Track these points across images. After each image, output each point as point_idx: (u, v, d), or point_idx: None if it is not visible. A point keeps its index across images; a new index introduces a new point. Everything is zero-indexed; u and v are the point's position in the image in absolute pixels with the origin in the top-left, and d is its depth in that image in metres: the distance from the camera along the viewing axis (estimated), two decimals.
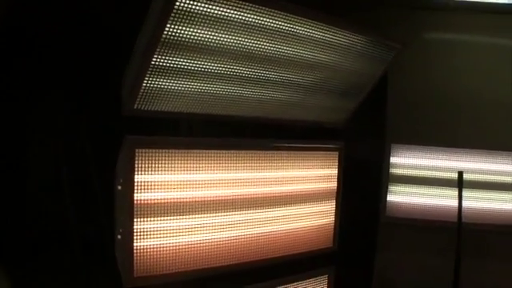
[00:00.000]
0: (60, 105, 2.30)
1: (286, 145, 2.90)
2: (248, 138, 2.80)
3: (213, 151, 2.61)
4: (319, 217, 3.13)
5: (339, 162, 3.18)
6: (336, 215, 3.22)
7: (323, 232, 3.17)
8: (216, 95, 2.49)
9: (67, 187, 2.35)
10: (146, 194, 2.39)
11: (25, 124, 2.28)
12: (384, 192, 3.85)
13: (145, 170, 2.37)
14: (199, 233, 2.59)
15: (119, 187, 2.35)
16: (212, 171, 2.60)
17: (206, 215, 2.61)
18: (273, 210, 2.90)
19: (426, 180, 3.83)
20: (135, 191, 2.37)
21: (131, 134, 2.32)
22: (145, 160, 2.36)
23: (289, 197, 2.96)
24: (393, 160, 3.85)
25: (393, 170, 3.85)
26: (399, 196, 3.85)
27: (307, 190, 3.04)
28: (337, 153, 3.19)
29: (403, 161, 3.86)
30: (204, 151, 2.57)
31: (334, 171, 3.19)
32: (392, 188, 3.86)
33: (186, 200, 2.52)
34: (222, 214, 2.67)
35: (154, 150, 2.38)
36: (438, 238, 3.74)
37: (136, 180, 2.36)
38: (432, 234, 3.78)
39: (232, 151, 2.68)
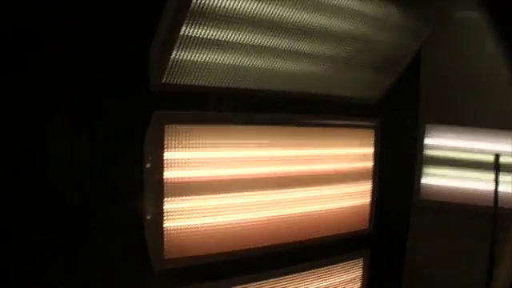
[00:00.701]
0: (84, 81, 2.12)
1: (322, 121, 2.68)
2: (281, 113, 2.58)
3: (244, 127, 2.43)
4: (355, 197, 2.93)
5: (375, 140, 2.97)
6: (372, 196, 3.01)
7: (359, 213, 2.97)
8: (247, 68, 2.31)
9: (93, 167, 2.17)
10: (175, 173, 2.23)
11: (46, 103, 2.10)
12: (418, 174, 3.59)
13: (174, 147, 2.20)
14: (230, 213, 2.43)
15: (148, 165, 2.20)
16: (244, 148, 2.42)
17: (237, 194, 2.45)
18: (307, 190, 2.72)
19: (461, 162, 3.57)
20: (165, 169, 2.20)
21: (160, 110, 2.13)
22: (174, 136, 2.20)
23: (323, 176, 2.77)
24: (427, 141, 3.59)
25: (427, 152, 3.59)
26: (433, 178, 3.60)
27: (342, 169, 2.85)
28: (373, 131, 2.97)
29: (438, 142, 3.60)
30: (235, 127, 2.39)
31: (370, 150, 2.98)
32: (426, 170, 3.59)
33: (216, 178, 2.36)
34: (254, 193, 2.51)
35: (183, 126, 2.21)
36: (472, 223, 3.48)
37: (165, 158, 2.20)
38: (466, 218, 3.51)
39: (265, 127, 2.49)
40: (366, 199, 3.01)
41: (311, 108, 2.75)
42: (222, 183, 2.37)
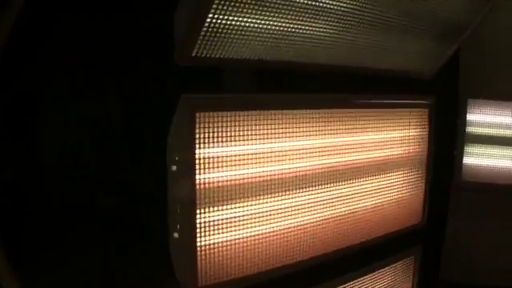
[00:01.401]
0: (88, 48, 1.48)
1: (378, 101, 2.09)
2: (326, 91, 1.99)
3: (289, 112, 1.80)
4: (409, 188, 2.37)
5: (429, 120, 2.40)
6: (426, 184, 2.44)
7: (412, 206, 2.42)
8: (292, 34, 1.68)
9: (103, 173, 1.55)
10: (211, 175, 1.61)
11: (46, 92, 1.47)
12: (459, 154, 3.08)
13: (210, 142, 1.59)
14: (276, 219, 1.84)
15: (174, 167, 1.59)
16: (291, 138, 1.82)
17: (282, 196, 1.85)
18: (358, 183, 2.19)
19: (504, 140, 3.08)
20: (197, 171, 1.59)
21: (189, 93, 1.50)
22: (209, 127, 1.57)
23: (375, 165, 2.20)
24: (469, 117, 3.06)
25: (469, 129, 3.07)
26: (476, 158, 3.11)
27: (395, 155, 2.29)
28: (427, 110, 2.39)
29: (481, 118, 3.09)
30: (280, 112, 1.77)
31: (424, 132, 2.39)
32: (468, 149, 3.10)
33: (259, 178, 1.76)
34: (301, 192, 1.92)
35: (220, 113, 1.58)
36: None
37: (198, 156, 1.59)
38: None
39: (312, 111, 1.87)
40: (420, 188, 2.45)
41: (359, 85, 2.16)
42: (265, 183, 1.79)
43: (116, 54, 1.60)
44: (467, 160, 3.11)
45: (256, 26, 1.60)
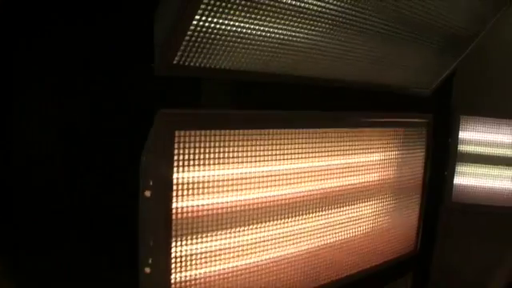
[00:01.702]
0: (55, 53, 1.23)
1: (367, 119, 1.87)
2: (318, 108, 1.76)
3: (282, 130, 1.57)
4: (404, 213, 2.15)
5: (427, 140, 2.19)
6: (420, 209, 2.25)
7: (407, 232, 2.19)
8: (291, 44, 1.46)
9: (69, 200, 1.30)
10: (191, 203, 1.38)
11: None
12: (450, 173, 2.88)
13: (190, 165, 1.36)
14: (263, 250, 1.60)
15: (147, 193, 1.33)
16: (282, 160, 1.58)
17: (271, 224, 1.61)
18: (352, 209, 1.96)
19: (498, 159, 2.91)
20: (174, 198, 1.35)
21: (168, 107, 1.27)
22: (190, 148, 1.36)
23: (370, 189, 1.97)
24: (462, 135, 2.86)
25: (461, 148, 2.88)
26: (468, 178, 2.91)
27: (391, 177, 2.06)
28: (424, 129, 2.18)
29: (472, 136, 2.90)
30: (270, 131, 1.54)
31: (420, 153, 2.19)
32: (459, 169, 2.90)
33: (246, 206, 1.53)
34: (290, 220, 1.70)
35: (205, 132, 1.35)
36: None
37: (176, 180, 1.35)
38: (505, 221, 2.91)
39: (307, 129, 1.65)
40: (415, 214, 2.25)
41: (353, 102, 1.94)
42: (252, 211, 1.57)
43: (86, 59, 1.35)
44: (458, 180, 2.92)
45: (251, 32, 1.38)
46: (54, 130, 1.41)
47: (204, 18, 1.20)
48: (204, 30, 1.23)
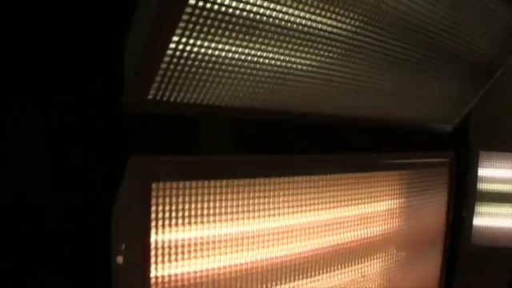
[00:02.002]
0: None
1: (388, 161, 1.60)
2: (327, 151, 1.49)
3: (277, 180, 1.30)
4: (426, 265, 1.86)
5: (449, 181, 1.91)
6: (443, 257, 1.95)
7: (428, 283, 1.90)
8: (289, 73, 1.21)
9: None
10: (172, 271, 1.10)
11: None
12: (469, 214, 2.65)
13: (171, 224, 1.08)
14: None
15: (119, 259, 1.05)
16: (275, 217, 1.30)
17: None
18: (366, 266, 1.63)
19: None
20: (152, 265, 1.08)
21: (143, 153, 0.99)
22: (171, 203, 1.08)
23: (389, 240, 1.67)
24: (481, 172, 2.64)
25: (480, 185, 2.65)
26: (487, 218, 2.69)
27: (413, 226, 1.77)
28: (445, 168, 1.91)
29: (492, 173, 2.67)
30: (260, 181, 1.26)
31: (442, 195, 1.91)
32: (478, 208, 2.67)
33: (239, 272, 1.24)
34: (305, 281, 1.41)
35: (188, 184, 1.07)
36: None
37: (154, 243, 1.07)
38: None
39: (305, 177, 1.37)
40: (437, 263, 1.96)
41: (366, 142, 1.68)
42: (249, 276, 1.27)
43: (48, 95, 1.09)
44: (477, 221, 2.68)
45: (245, 58, 1.11)
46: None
47: (184, 41, 0.93)
48: (185, 55, 0.96)
